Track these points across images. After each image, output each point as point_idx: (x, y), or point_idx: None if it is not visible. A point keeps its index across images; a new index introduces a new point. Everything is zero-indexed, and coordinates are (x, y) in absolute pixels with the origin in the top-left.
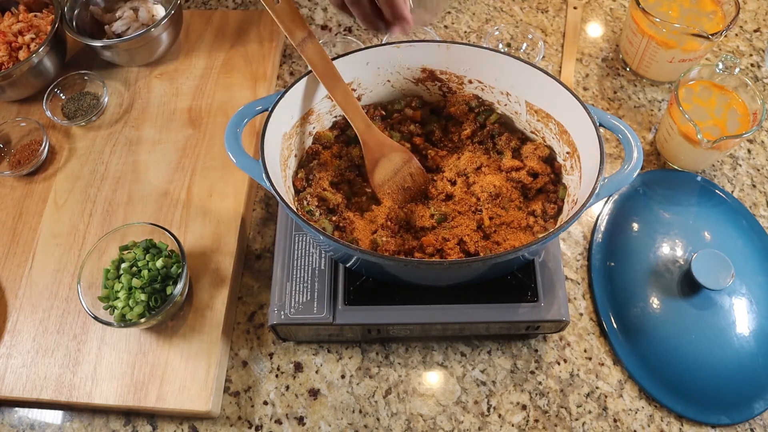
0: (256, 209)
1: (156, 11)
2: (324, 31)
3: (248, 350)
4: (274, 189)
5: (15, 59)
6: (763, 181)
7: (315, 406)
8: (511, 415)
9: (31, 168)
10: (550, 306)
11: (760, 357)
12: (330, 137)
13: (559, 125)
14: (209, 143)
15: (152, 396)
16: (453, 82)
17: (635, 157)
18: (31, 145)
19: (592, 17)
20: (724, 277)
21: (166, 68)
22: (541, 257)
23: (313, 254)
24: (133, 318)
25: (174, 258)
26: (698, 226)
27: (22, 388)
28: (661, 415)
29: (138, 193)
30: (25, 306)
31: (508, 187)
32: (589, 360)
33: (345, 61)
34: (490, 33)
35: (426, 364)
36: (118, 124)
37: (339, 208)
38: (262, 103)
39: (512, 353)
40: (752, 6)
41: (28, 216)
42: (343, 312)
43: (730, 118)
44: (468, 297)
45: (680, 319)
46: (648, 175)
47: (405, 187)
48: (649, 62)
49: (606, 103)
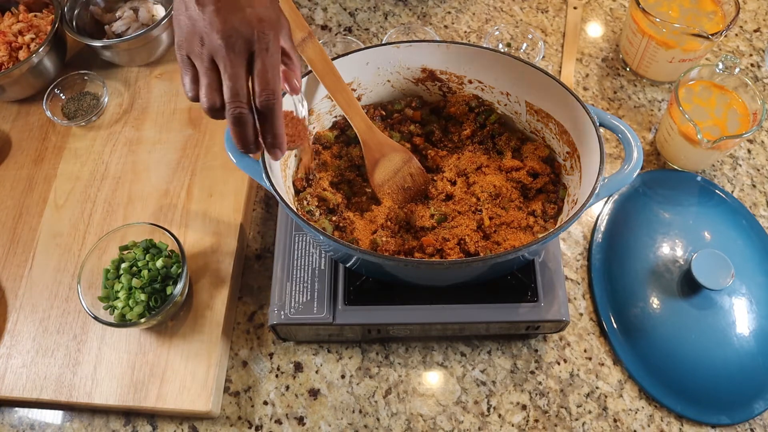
0: (256, 209)
1: (156, 11)
2: (324, 31)
3: (248, 350)
4: (274, 189)
5: (15, 59)
6: (763, 181)
7: (315, 406)
8: (511, 415)
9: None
10: (550, 306)
11: (760, 357)
12: (330, 137)
13: (559, 125)
14: (209, 143)
15: (152, 396)
16: (453, 82)
17: (635, 157)
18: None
19: (592, 17)
20: (724, 277)
21: (166, 68)
22: (541, 257)
23: (313, 254)
24: (133, 318)
25: (174, 258)
26: (698, 226)
27: (22, 388)
28: (661, 415)
29: (138, 193)
30: (25, 306)
31: (508, 187)
32: (589, 360)
33: (345, 61)
34: (490, 33)
35: (426, 364)
36: (118, 124)
37: (339, 208)
38: None
39: (512, 353)
40: (752, 6)
41: (28, 216)
42: (343, 312)
43: (730, 118)
44: (468, 297)
45: (680, 319)
46: (648, 175)
47: (405, 187)
48: (649, 62)
49: (606, 103)
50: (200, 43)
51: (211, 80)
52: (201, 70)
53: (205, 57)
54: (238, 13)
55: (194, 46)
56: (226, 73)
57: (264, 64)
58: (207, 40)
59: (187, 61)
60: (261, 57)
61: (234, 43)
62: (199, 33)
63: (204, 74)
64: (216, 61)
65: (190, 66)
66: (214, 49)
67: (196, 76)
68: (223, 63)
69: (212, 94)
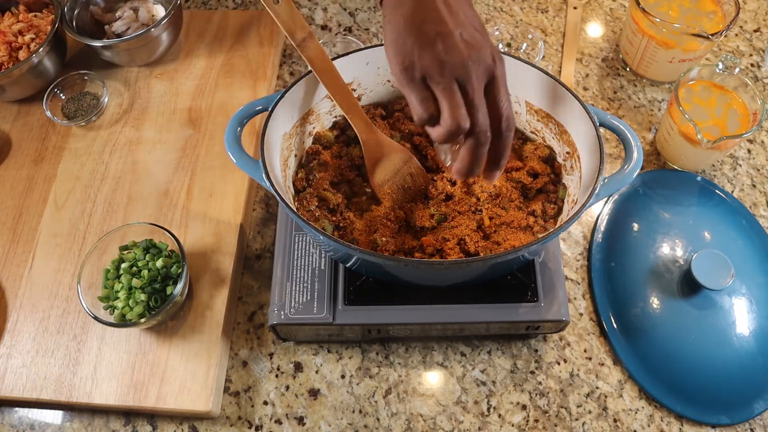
0: (256, 209)
1: (156, 11)
2: (324, 31)
3: (248, 350)
4: (274, 189)
5: (15, 59)
6: (763, 181)
7: (315, 406)
8: (511, 415)
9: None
10: (550, 306)
11: (760, 357)
12: (330, 137)
13: (559, 125)
14: (209, 143)
15: (152, 396)
16: None
17: (635, 157)
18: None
19: (592, 17)
20: (724, 277)
21: (166, 68)
22: (541, 257)
23: (313, 254)
24: (133, 318)
25: (174, 258)
26: (698, 226)
27: (22, 388)
28: (661, 415)
29: (138, 193)
30: (25, 306)
31: (508, 187)
32: (589, 360)
33: (345, 61)
34: (490, 33)
35: (426, 364)
36: (118, 124)
37: (339, 208)
38: (262, 103)
39: (512, 353)
40: (752, 6)
41: (28, 216)
42: (343, 312)
43: (730, 118)
44: (468, 297)
45: (680, 319)
46: (648, 175)
47: (405, 187)
48: (649, 62)
49: (606, 103)
50: (441, 66)
51: (458, 102)
52: (442, 91)
53: (447, 79)
54: (486, 38)
55: (433, 67)
56: (472, 97)
57: (503, 91)
58: (451, 63)
59: (419, 82)
60: (499, 83)
61: (478, 70)
62: (439, 56)
63: (448, 96)
64: (459, 85)
65: (422, 88)
66: (459, 74)
67: (427, 98)
68: (470, 87)
69: (461, 115)
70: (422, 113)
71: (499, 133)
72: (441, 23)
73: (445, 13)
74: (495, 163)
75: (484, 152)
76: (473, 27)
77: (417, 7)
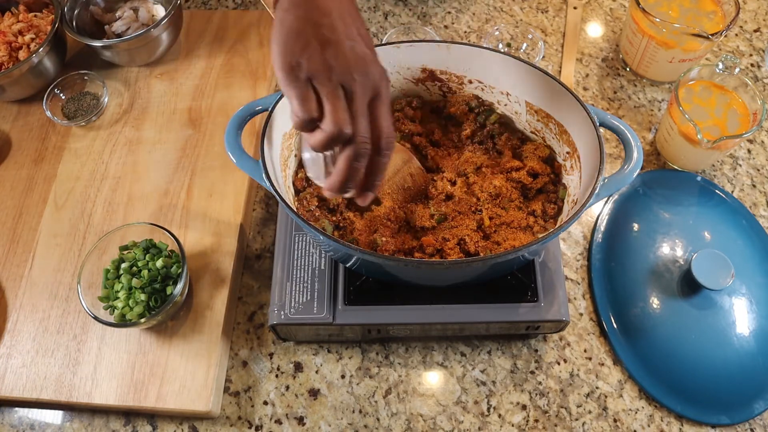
0: (256, 209)
1: (156, 11)
2: None
3: (248, 350)
4: (274, 189)
5: (15, 59)
6: (763, 181)
7: (315, 406)
8: (511, 415)
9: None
10: (550, 306)
11: (760, 357)
12: None
13: (559, 125)
14: (209, 143)
15: (152, 396)
16: (453, 82)
17: (635, 157)
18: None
19: (592, 17)
20: (724, 277)
21: (166, 68)
22: (541, 257)
23: (313, 254)
24: (133, 318)
25: (174, 258)
26: (698, 226)
27: (22, 388)
28: (661, 415)
29: (138, 193)
30: (25, 306)
31: (508, 187)
32: (589, 360)
33: None
34: (490, 33)
35: (426, 364)
36: (118, 124)
37: (339, 208)
38: (262, 103)
39: (512, 353)
40: (752, 6)
41: (28, 216)
42: (343, 312)
43: (730, 118)
44: (468, 297)
45: (680, 319)
46: (648, 175)
47: (405, 187)
48: (649, 62)
49: (606, 103)
50: (329, 69)
51: (342, 107)
52: (328, 94)
53: (334, 83)
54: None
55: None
56: (356, 106)
57: (386, 110)
58: (339, 69)
59: (303, 82)
60: (384, 102)
61: (365, 82)
62: (328, 60)
63: (332, 99)
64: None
65: (306, 89)
66: (345, 80)
67: (310, 98)
68: (355, 96)
69: (344, 119)
70: (303, 114)
71: (379, 150)
72: (335, 31)
73: (339, 24)
74: (370, 181)
75: (362, 166)
76: (365, 44)
77: (313, 12)
